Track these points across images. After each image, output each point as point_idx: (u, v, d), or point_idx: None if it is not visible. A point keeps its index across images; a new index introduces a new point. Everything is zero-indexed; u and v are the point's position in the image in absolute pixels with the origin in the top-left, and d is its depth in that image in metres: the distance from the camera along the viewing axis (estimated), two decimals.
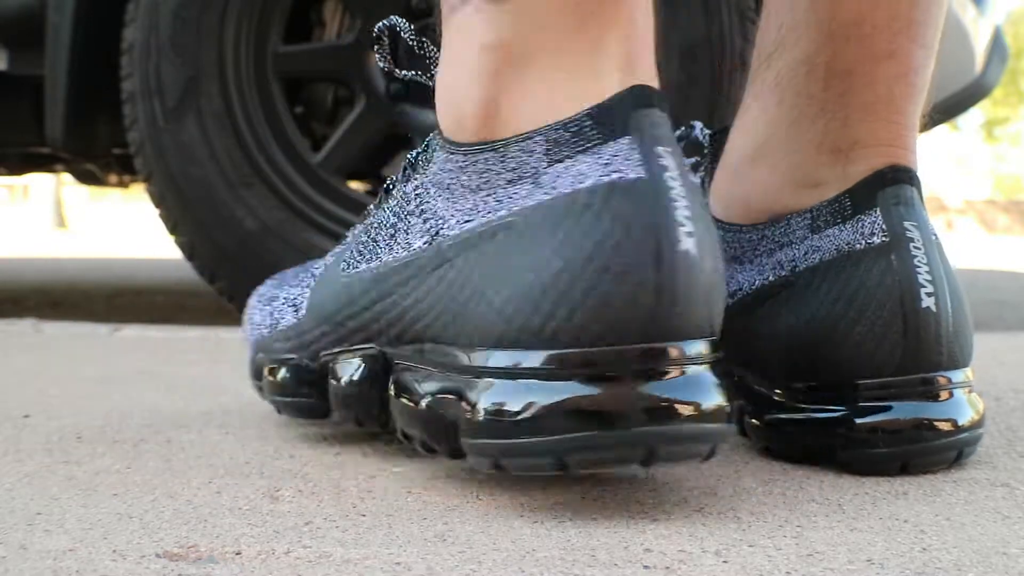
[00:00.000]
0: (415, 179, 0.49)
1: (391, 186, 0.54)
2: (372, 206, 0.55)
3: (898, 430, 0.50)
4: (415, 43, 0.52)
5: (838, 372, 0.51)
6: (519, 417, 0.42)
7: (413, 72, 0.53)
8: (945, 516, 0.43)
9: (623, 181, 0.41)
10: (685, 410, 0.41)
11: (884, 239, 0.51)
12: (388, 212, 0.52)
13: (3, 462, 0.52)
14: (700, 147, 0.62)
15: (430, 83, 0.51)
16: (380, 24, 0.54)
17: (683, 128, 0.62)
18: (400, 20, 0.53)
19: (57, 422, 0.62)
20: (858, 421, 0.50)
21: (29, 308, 1.86)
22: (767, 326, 0.54)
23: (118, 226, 9.03)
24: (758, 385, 0.54)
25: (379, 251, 0.51)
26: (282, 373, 0.56)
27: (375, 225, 0.52)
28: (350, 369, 0.52)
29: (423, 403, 0.46)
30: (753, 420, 0.54)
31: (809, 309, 0.52)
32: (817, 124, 0.54)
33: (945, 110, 1.38)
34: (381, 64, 0.54)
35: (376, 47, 0.54)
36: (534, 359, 0.42)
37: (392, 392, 0.49)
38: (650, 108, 0.42)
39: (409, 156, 0.52)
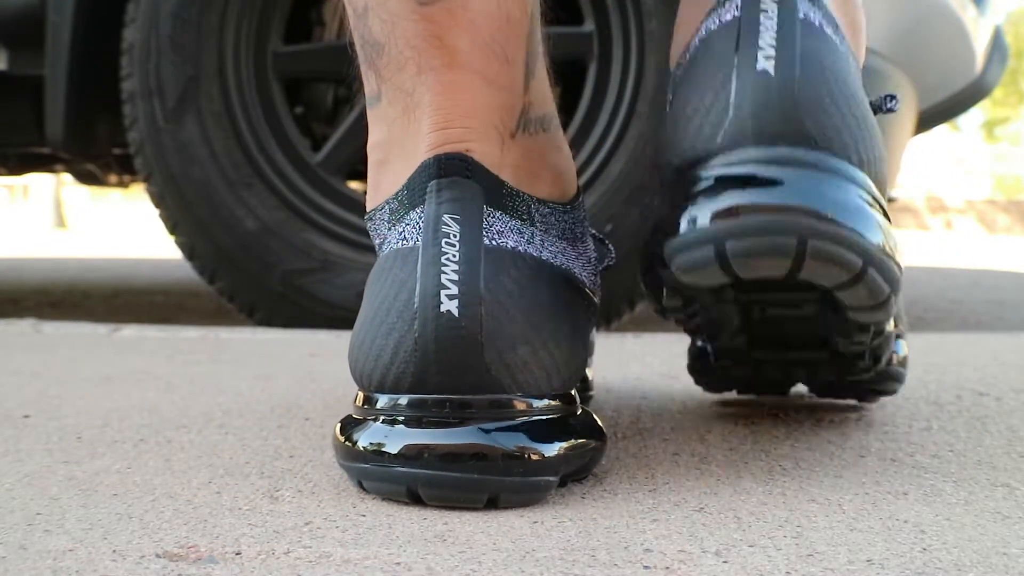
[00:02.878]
0: None
1: None
2: None
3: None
4: None
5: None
6: None
7: None
8: (945, 516, 0.43)
9: (404, 248, 0.46)
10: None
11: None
12: None
13: (3, 462, 0.52)
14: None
15: None
16: None
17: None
18: None
19: (57, 422, 0.62)
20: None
21: (29, 308, 1.86)
22: None
23: (118, 226, 9.03)
24: None
25: None
26: None
27: None
28: None
29: None
30: None
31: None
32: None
33: (945, 110, 1.38)
34: None
35: None
36: None
37: None
38: (447, 178, 0.45)
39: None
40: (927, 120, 1.38)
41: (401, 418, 0.44)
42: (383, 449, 0.44)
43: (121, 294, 2.30)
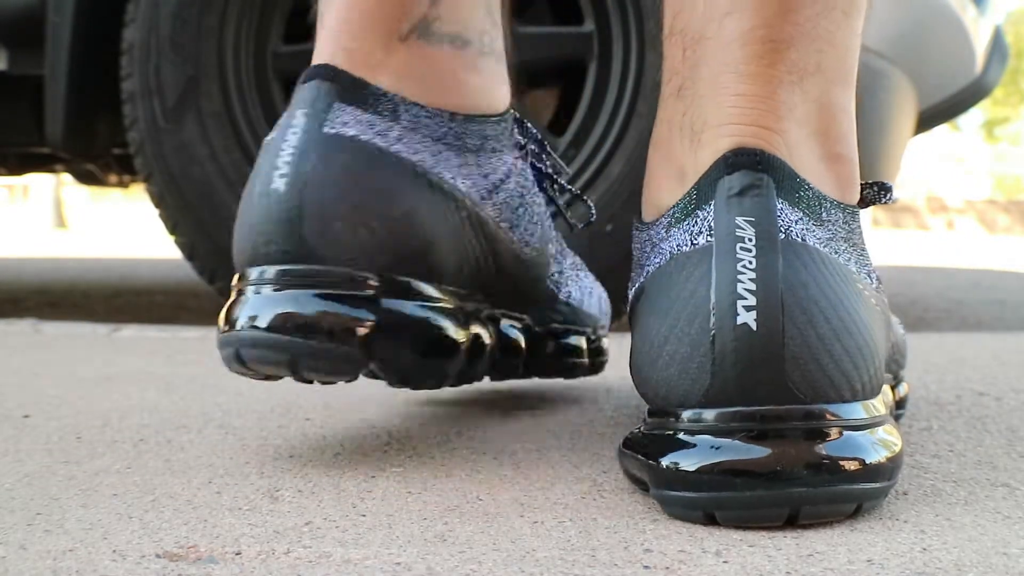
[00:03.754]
0: None
1: None
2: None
3: (698, 473, 0.41)
4: None
5: (655, 399, 0.44)
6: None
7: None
8: (945, 516, 0.43)
9: None
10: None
11: (708, 240, 0.42)
12: None
13: (3, 462, 0.52)
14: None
15: None
16: None
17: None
18: None
19: (57, 422, 0.62)
20: (660, 459, 0.42)
21: (29, 308, 1.86)
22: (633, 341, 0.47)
23: (118, 226, 9.03)
24: None
25: None
26: None
27: None
28: None
29: None
30: None
31: (640, 324, 0.45)
32: (678, 103, 0.47)
33: (945, 110, 1.38)
34: None
35: None
36: None
37: None
38: (306, 83, 0.51)
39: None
40: (927, 120, 1.38)
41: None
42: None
43: (121, 294, 2.30)
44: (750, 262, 0.41)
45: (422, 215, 0.49)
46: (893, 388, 0.59)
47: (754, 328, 0.40)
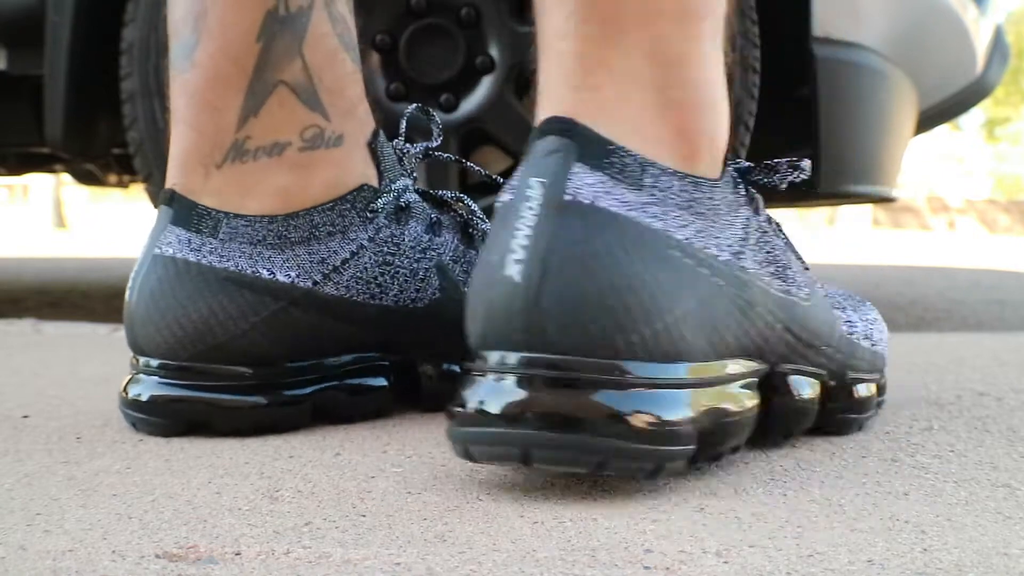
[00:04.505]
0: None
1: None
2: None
3: (462, 412, 0.45)
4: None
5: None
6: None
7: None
8: (946, 517, 0.43)
9: None
10: None
11: (510, 196, 0.46)
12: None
13: (3, 462, 0.52)
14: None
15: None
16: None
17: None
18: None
19: (57, 422, 0.62)
20: (456, 401, 0.47)
21: (28, 308, 1.86)
22: None
23: (118, 226, 9.03)
24: None
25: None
26: None
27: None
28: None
29: None
30: None
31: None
32: (539, 72, 0.49)
33: (946, 110, 1.38)
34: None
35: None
36: None
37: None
38: (166, 206, 0.60)
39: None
40: (928, 120, 1.38)
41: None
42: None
43: (121, 294, 2.30)
44: (530, 219, 0.44)
45: (220, 314, 0.58)
46: (848, 388, 0.57)
47: (518, 280, 0.43)
